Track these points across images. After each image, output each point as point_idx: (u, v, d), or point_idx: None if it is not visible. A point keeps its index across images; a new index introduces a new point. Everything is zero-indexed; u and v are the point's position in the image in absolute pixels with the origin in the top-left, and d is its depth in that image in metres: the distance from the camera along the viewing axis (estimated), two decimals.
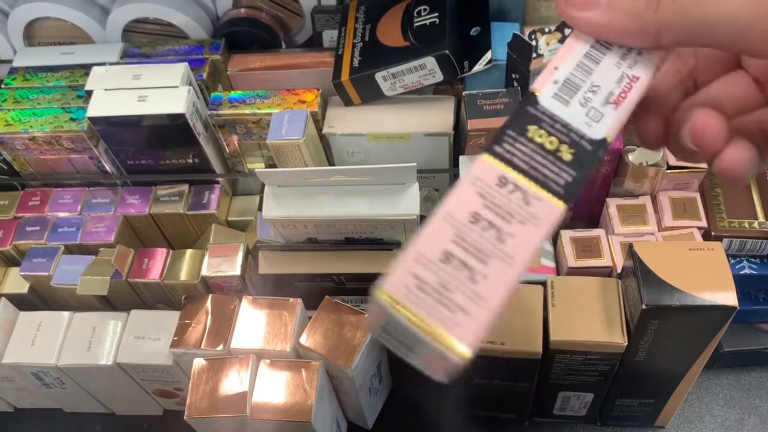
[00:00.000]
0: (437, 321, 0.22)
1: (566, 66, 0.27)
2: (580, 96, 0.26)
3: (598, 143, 0.25)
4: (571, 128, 0.25)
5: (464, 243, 0.23)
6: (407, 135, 0.58)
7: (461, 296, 0.23)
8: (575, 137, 0.25)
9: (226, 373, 0.49)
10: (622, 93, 0.26)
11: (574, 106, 0.26)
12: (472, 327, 0.22)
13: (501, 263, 0.23)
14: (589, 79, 0.26)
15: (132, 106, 0.56)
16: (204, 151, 0.59)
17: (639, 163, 0.54)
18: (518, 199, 0.24)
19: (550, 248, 0.56)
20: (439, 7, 0.58)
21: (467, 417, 0.61)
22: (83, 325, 0.56)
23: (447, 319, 0.22)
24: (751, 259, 0.56)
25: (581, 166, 0.25)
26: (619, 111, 0.26)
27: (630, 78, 0.26)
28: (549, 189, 0.24)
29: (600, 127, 0.26)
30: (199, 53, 0.63)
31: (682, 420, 0.60)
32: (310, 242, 0.56)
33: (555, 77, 0.26)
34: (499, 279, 0.23)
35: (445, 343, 0.22)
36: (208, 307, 0.53)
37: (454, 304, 0.23)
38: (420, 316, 0.22)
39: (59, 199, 0.62)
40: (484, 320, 0.23)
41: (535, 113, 0.26)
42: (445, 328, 0.22)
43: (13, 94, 0.62)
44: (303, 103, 0.58)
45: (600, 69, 0.26)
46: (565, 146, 0.25)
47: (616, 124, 0.26)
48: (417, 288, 0.23)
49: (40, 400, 0.63)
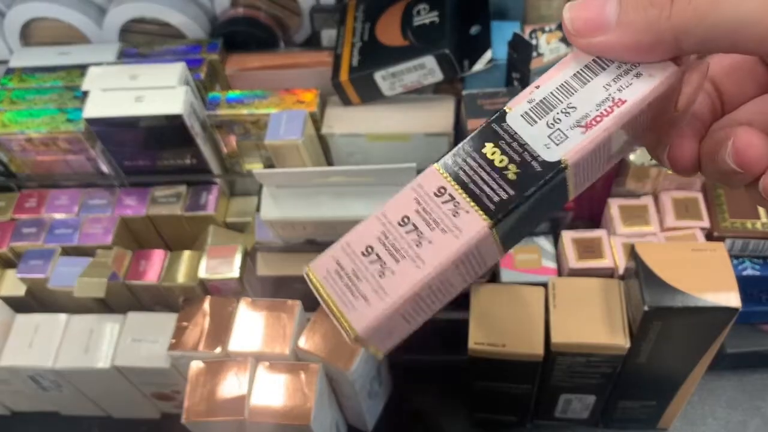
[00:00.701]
0: (341, 303, 0.25)
1: (548, 86, 0.26)
2: (551, 117, 0.26)
3: (549, 165, 0.25)
4: (527, 148, 0.25)
5: (386, 241, 0.25)
6: (407, 135, 0.57)
7: (367, 286, 0.25)
8: (527, 157, 0.25)
9: (225, 375, 0.49)
10: (598, 116, 0.25)
11: (539, 126, 0.26)
12: (367, 314, 0.25)
13: (411, 264, 0.25)
14: (567, 100, 0.26)
15: (129, 107, 0.56)
16: (201, 152, 0.59)
17: (641, 163, 0.53)
18: (448, 210, 0.25)
19: (551, 249, 0.56)
20: (439, 6, 0.58)
21: (468, 420, 0.61)
22: (80, 328, 0.55)
23: (349, 303, 0.25)
24: (754, 260, 0.56)
25: (521, 187, 0.25)
26: (588, 135, 0.25)
27: (614, 101, 0.25)
28: (479, 204, 0.25)
29: (558, 150, 0.25)
30: (196, 53, 0.62)
31: (685, 422, 0.60)
32: (309, 243, 0.56)
33: (532, 96, 0.26)
34: (405, 278, 0.25)
35: (343, 324, 0.25)
36: (206, 309, 0.52)
37: (359, 292, 0.25)
38: (330, 295, 0.25)
39: (56, 201, 0.62)
40: (381, 310, 0.25)
41: (498, 130, 0.26)
42: (345, 311, 0.25)
43: (10, 95, 0.61)
44: (301, 103, 0.58)
45: (584, 90, 0.26)
46: (514, 165, 0.25)
47: (580, 147, 0.25)
48: (335, 272, 0.25)
49: (37, 403, 0.63)
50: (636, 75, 0.26)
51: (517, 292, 0.51)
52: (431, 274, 0.25)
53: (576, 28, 0.26)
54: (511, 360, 0.49)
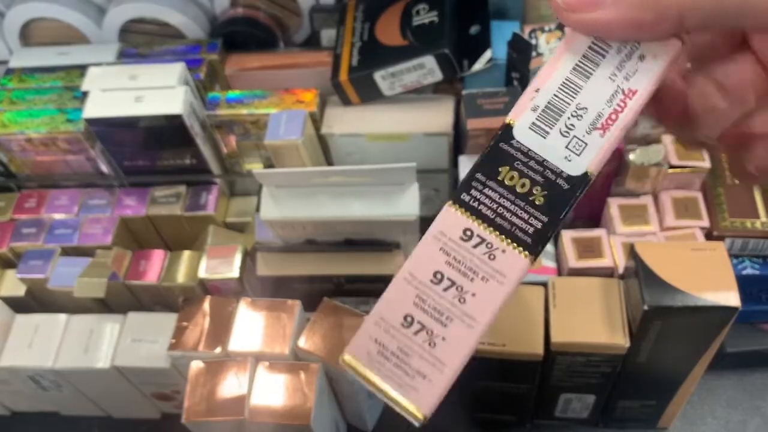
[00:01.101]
0: (396, 387, 0.22)
1: (549, 87, 0.24)
2: (562, 124, 0.23)
3: (576, 180, 0.23)
4: (548, 165, 0.23)
5: (424, 305, 0.23)
6: (406, 135, 0.57)
7: (420, 361, 0.22)
8: (551, 176, 0.23)
9: (225, 375, 0.49)
10: (613, 114, 0.23)
11: (553, 137, 0.23)
12: (429, 392, 0.22)
13: (461, 325, 0.22)
14: (575, 101, 0.23)
15: (128, 107, 0.56)
16: (201, 152, 0.59)
17: (640, 163, 0.53)
18: (482, 254, 0.23)
19: (551, 249, 0.56)
20: (439, 6, 0.58)
21: (468, 419, 0.61)
22: (80, 328, 0.55)
23: (405, 385, 0.22)
24: (753, 259, 0.56)
25: (553, 211, 0.23)
26: (606, 138, 0.23)
27: (625, 93, 0.23)
28: (515, 239, 0.23)
29: (581, 161, 0.23)
30: (196, 53, 0.62)
31: (685, 421, 0.60)
32: (309, 243, 0.55)
33: (534, 102, 0.23)
34: (459, 342, 0.23)
35: (404, 408, 0.22)
36: (206, 309, 0.52)
37: (412, 369, 0.22)
38: (381, 381, 0.23)
39: (56, 201, 0.62)
40: (442, 384, 0.22)
41: (509, 150, 0.23)
42: (402, 394, 0.22)
43: (9, 95, 0.61)
44: (301, 103, 0.58)
45: (589, 86, 0.23)
46: (538, 188, 0.23)
47: (602, 154, 0.23)
48: (378, 353, 0.23)
49: (36, 404, 0.63)
50: (640, 58, 0.23)
51: (517, 292, 0.50)
52: (485, 329, 0.23)
53: (568, 3, 0.23)
54: (510, 360, 0.49)
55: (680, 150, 0.55)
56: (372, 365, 0.23)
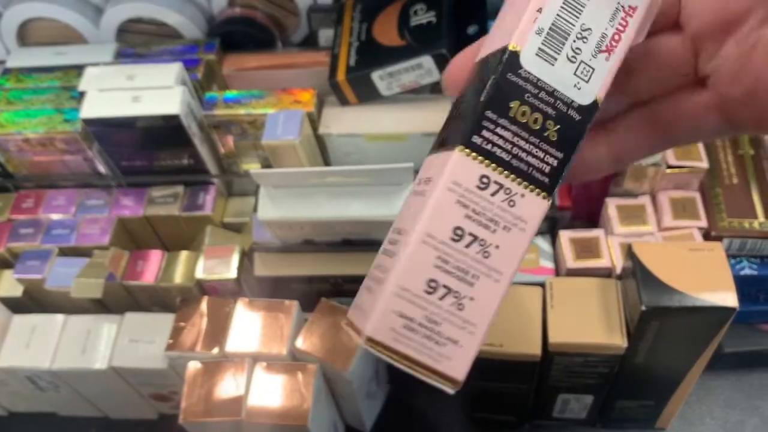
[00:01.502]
0: (428, 359, 0.21)
1: (551, 6, 0.21)
2: (569, 48, 0.21)
3: (587, 110, 0.21)
4: (558, 95, 0.21)
5: (447, 266, 0.21)
6: (404, 135, 0.57)
7: (450, 327, 0.21)
8: (562, 107, 0.21)
9: (222, 376, 0.49)
10: (615, 35, 0.21)
11: (561, 63, 0.21)
12: (462, 357, 0.21)
13: (488, 281, 0.21)
14: (579, 21, 0.21)
15: (126, 107, 0.56)
16: (199, 152, 0.59)
17: (638, 163, 0.53)
18: (501, 201, 0.21)
19: (549, 249, 0.56)
20: (436, 6, 0.58)
21: (466, 420, 0.61)
22: (77, 328, 0.55)
23: (437, 355, 0.21)
24: (751, 259, 0.56)
25: (567, 145, 0.21)
26: (612, 60, 0.21)
27: (625, 11, 0.21)
28: (533, 181, 0.21)
29: (589, 87, 0.21)
30: (193, 53, 0.62)
31: (683, 422, 0.60)
32: (307, 244, 0.55)
33: (539, 24, 0.21)
34: (487, 299, 0.21)
35: (438, 378, 0.21)
36: (204, 309, 0.52)
37: (443, 338, 0.21)
38: (411, 356, 0.21)
39: (53, 201, 0.62)
40: (474, 346, 0.21)
41: (517, 81, 0.21)
42: (435, 363, 0.21)
43: (7, 95, 0.61)
44: (299, 103, 0.58)
45: (591, 4, 0.21)
46: (551, 122, 0.21)
47: (609, 78, 0.21)
48: (404, 327, 0.21)
49: (34, 404, 0.63)
50: None
51: (515, 292, 0.51)
52: (510, 281, 0.21)
53: None
54: (508, 360, 0.49)
55: (678, 150, 0.55)
56: (399, 341, 0.21)
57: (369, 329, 0.21)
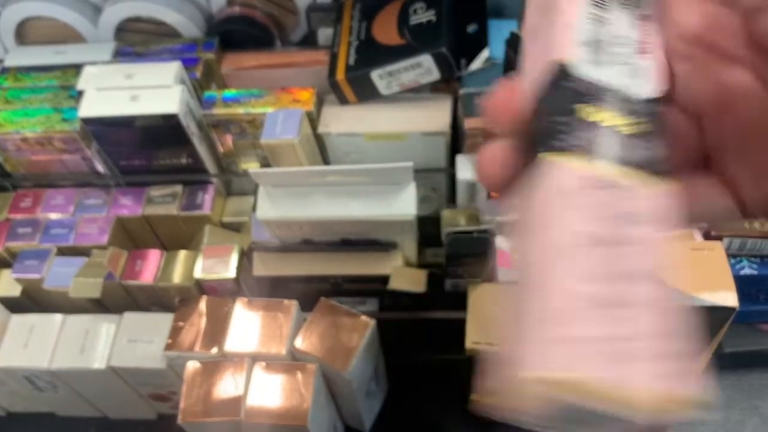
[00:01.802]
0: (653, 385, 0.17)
1: (579, 21, 0.21)
2: (609, 52, 0.21)
3: (653, 102, 0.21)
4: (620, 94, 0.20)
5: (597, 276, 0.18)
6: (404, 134, 0.57)
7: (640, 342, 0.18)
8: (631, 103, 0.20)
9: (221, 376, 0.49)
10: (644, 37, 0.21)
11: (607, 65, 0.21)
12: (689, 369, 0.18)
13: (646, 282, 0.19)
14: (606, 30, 0.21)
15: (124, 106, 0.56)
16: (197, 151, 0.59)
17: None
18: (618, 197, 0.19)
19: None
20: (436, 5, 0.57)
21: (466, 419, 0.61)
22: (76, 328, 0.55)
23: (665, 378, 0.17)
24: (751, 259, 0.56)
25: (657, 130, 0.20)
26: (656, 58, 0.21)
27: (640, 19, 0.21)
28: (647, 170, 0.20)
29: (645, 84, 0.21)
30: (192, 52, 0.62)
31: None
32: (306, 243, 0.55)
33: (575, 36, 0.21)
34: (656, 301, 0.19)
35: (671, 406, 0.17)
36: (203, 309, 0.52)
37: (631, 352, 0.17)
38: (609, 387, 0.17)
39: (51, 201, 0.62)
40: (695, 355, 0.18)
41: (572, 86, 0.20)
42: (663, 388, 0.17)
43: (5, 94, 0.61)
44: (298, 102, 0.57)
45: (610, 16, 0.21)
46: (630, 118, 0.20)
47: (660, 71, 0.21)
48: (597, 353, 0.17)
49: (32, 404, 0.63)
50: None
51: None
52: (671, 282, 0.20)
53: None
54: None
55: None
56: (593, 370, 0.17)
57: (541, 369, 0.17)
